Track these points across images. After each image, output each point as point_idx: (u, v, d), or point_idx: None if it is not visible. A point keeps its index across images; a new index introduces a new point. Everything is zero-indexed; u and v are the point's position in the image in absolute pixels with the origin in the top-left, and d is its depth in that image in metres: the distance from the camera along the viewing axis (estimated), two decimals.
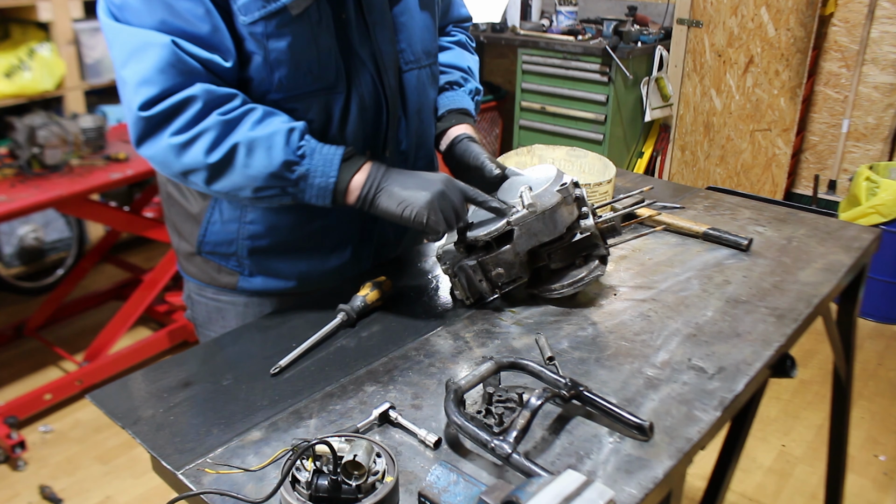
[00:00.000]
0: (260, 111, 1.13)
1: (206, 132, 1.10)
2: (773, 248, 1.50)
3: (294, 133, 1.13)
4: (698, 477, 1.65)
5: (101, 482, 2.44)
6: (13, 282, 3.51)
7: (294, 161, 1.12)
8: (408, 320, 1.24)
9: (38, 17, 3.20)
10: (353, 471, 0.79)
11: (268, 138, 1.11)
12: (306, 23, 1.15)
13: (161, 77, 1.07)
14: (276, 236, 1.30)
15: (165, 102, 1.08)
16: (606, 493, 0.74)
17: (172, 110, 1.09)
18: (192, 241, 1.34)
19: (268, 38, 1.14)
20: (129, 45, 1.08)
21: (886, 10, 3.73)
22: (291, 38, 1.15)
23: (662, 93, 4.25)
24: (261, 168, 1.12)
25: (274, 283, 1.34)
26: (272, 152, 1.11)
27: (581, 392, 0.98)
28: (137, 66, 1.08)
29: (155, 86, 1.07)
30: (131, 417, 1.01)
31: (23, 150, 2.51)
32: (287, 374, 1.10)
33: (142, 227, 2.89)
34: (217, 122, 1.10)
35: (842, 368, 1.77)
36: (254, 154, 1.11)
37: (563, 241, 1.23)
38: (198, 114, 1.09)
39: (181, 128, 1.10)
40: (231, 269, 1.33)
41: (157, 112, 1.09)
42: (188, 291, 1.43)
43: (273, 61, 1.15)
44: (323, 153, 1.14)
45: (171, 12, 1.07)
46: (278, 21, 1.13)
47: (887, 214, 3.20)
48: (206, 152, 1.10)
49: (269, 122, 1.12)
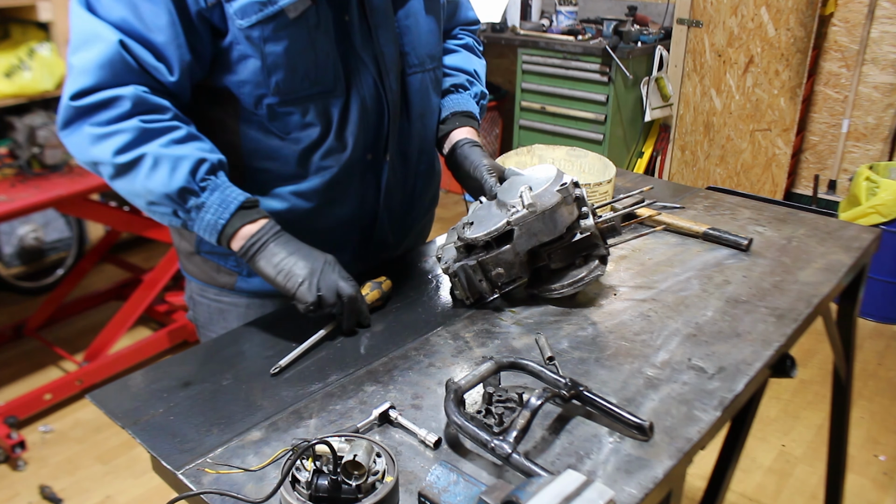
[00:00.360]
0: (183, 132, 1.13)
1: (121, 133, 1.10)
2: (773, 248, 1.50)
3: (203, 165, 1.12)
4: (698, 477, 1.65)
5: (101, 482, 2.44)
6: (13, 282, 3.51)
7: (192, 191, 1.12)
8: (408, 320, 1.24)
9: (38, 17, 3.20)
10: (353, 471, 0.79)
11: (175, 160, 1.11)
12: (304, 27, 1.14)
13: (99, 72, 1.08)
14: None
15: (95, 96, 1.09)
16: (606, 493, 0.74)
17: (99, 104, 1.09)
18: (191, 239, 1.34)
19: (265, 42, 1.13)
20: (83, 33, 1.09)
21: (886, 10, 3.73)
22: (288, 42, 1.14)
23: (662, 93, 4.25)
24: (159, 185, 1.11)
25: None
26: (174, 175, 1.11)
27: (581, 392, 0.98)
28: (82, 55, 1.09)
29: (91, 77, 1.08)
30: (131, 417, 1.01)
31: (23, 149, 2.51)
32: (287, 373, 1.10)
33: (142, 227, 2.89)
34: (135, 127, 1.10)
35: (842, 368, 1.77)
36: (157, 170, 1.11)
37: (563, 241, 1.23)
38: (122, 115, 1.10)
39: (101, 123, 1.10)
40: (230, 269, 1.33)
41: (85, 104, 1.09)
42: (190, 292, 1.43)
43: (270, 65, 1.15)
44: (224, 193, 1.14)
45: (133, 12, 1.08)
46: (275, 25, 1.12)
47: (887, 214, 3.20)
48: (115, 152, 1.10)
49: (185, 146, 1.12)
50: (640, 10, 4.29)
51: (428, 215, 1.54)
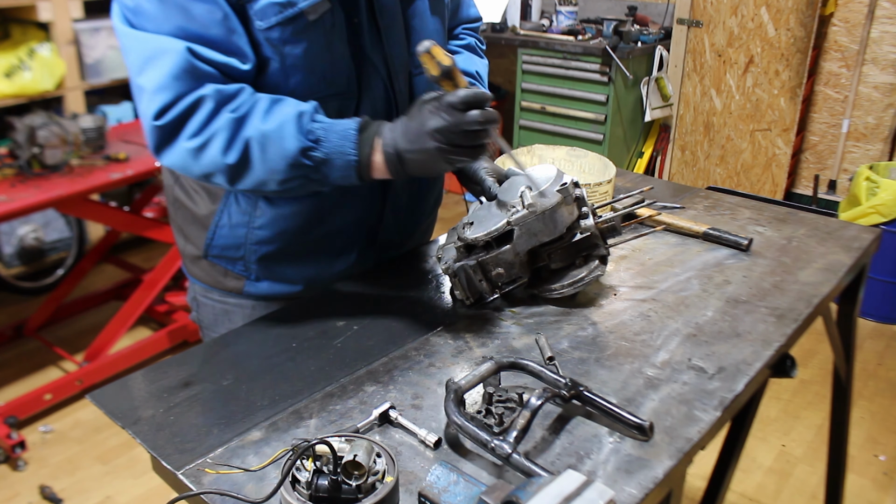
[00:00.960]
0: (266, 101, 1.11)
1: (218, 132, 1.08)
2: (773, 248, 1.50)
3: (304, 117, 1.10)
4: (698, 477, 1.65)
5: (101, 482, 2.44)
6: (13, 282, 3.51)
7: (309, 146, 1.09)
8: (408, 320, 1.24)
9: (38, 17, 3.20)
10: (353, 471, 0.79)
11: (279, 129, 1.08)
12: (321, 28, 1.14)
13: (176, 84, 1.06)
14: (284, 242, 1.29)
15: (177, 107, 1.07)
16: (606, 493, 0.74)
17: (185, 114, 1.08)
18: (198, 244, 1.33)
19: (284, 44, 1.12)
20: (145, 52, 1.07)
21: (886, 10, 3.73)
22: (307, 43, 1.14)
23: (662, 93, 4.25)
24: (278, 160, 1.09)
25: (280, 287, 1.33)
26: (285, 142, 1.08)
27: (581, 392, 0.98)
28: (153, 74, 1.06)
29: (169, 92, 1.06)
30: (131, 417, 1.01)
31: (23, 150, 2.51)
32: (287, 373, 1.10)
33: (142, 227, 2.89)
34: (228, 120, 1.08)
35: (842, 368, 1.77)
36: (268, 148, 1.09)
37: (563, 241, 1.23)
38: (210, 114, 1.08)
39: (195, 131, 1.08)
40: (238, 274, 1.32)
41: (171, 118, 1.08)
42: (193, 293, 1.42)
43: (289, 67, 1.14)
44: (337, 132, 1.11)
45: (187, 17, 1.06)
46: (294, 27, 1.12)
47: (887, 214, 3.20)
48: (223, 153, 1.09)
49: (278, 111, 1.10)
50: (640, 10, 4.29)
51: (432, 215, 1.54)
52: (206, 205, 1.29)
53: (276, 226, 1.27)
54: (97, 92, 3.56)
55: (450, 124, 1.06)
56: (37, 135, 2.50)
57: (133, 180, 2.60)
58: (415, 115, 1.10)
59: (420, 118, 1.09)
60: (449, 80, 1.08)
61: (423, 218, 1.48)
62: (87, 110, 3.42)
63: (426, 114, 1.08)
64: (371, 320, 1.23)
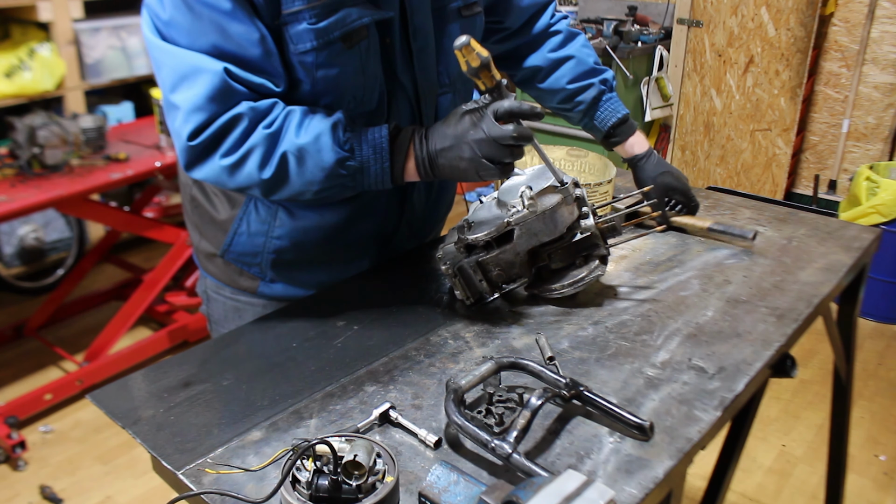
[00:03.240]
0: (298, 114, 1.11)
1: (254, 149, 1.08)
2: (773, 248, 1.50)
3: (338, 129, 1.10)
4: (698, 477, 1.65)
5: (101, 482, 2.44)
6: (13, 282, 3.51)
7: (345, 157, 1.10)
8: (408, 320, 1.24)
9: (38, 17, 3.20)
10: (353, 471, 0.79)
11: (315, 141, 1.09)
12: (356, 52, 1.13)
13: (211, 105, 1.05)
14: (301, 251, 1.29)
15: (213, 126, 1.07)
16: (607, 493, 0.74)
17: (220, 133, 1.07)
18: (215, 244, 1.33)
19: (317, 68, 1.12)
20: (179, 69, 1.05)
21: (886, 10, 3.73)
22: (340, 68, 1.13)
23: (662, 93, 4.25)
24: (315, 172, 1.10)
25: (294, 290, 1.34)
26: (322, 155, 1.09)
27: (581, 392, 0.98)
28: (187, 93, 1.05)
29: (204, 113, 1.06)
30: (131, 417, 1.01)
31: (23, 150, 2.51)
32: (287, 373, 1.10)
33: (142, 227, 2.89)
34: (263, 136, 1.08)
35: (842, 368, 1.77)
36: (305, 161, 1.09)
37: (563, 240, 1.23)
38: (245, 131, 1.07)
39: (230, 148, 1.08)
40: (253, 275, 1.33)
41: (206, 138, 1.07)
42: (205, 287, 1.41)
43: (321, 90, 1.14)
44: (370, 141, 1.11)
45: (223, 36, 1.04)
46: (330, 52, 1.11)
47: (887, 214, 3.20)
48: (259, 169, 1.09)
49: (312, 125, 1.10)
50: (641, 10, 4.29)
51: (443, 220, 1.56)
52: (226, 210, 1.29)
53: (294, 236, 1.27)
54: (97, 92, 3.56)
55: (487, 137, 1.07)
56: (37, 135, 2.50)
57: (133, 180, 2.60)
58: (452, 122, 1.10)
59: (459, 126, 1.09)
60: (487, 71, 1.08)
61: (434, 227, 1.50)
62: (87, 110, 3.42)
63: (466, 123, 1.09)
64: (371, 320, 1.23)
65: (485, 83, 1.09)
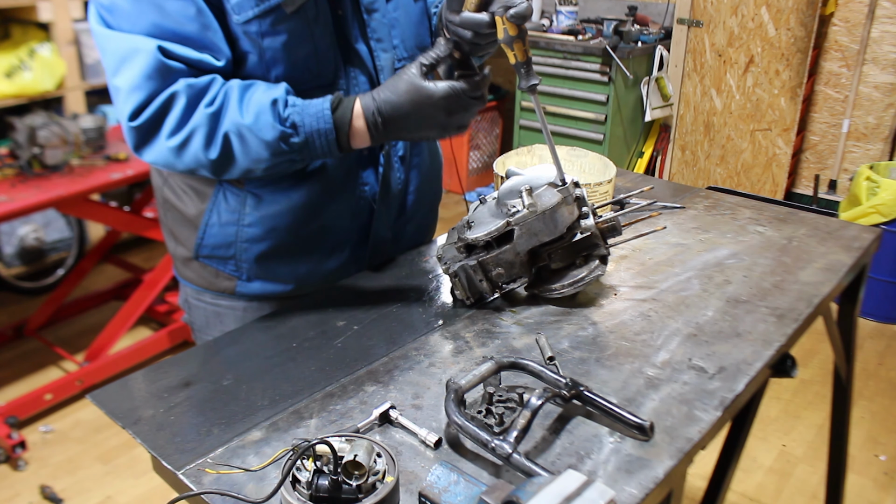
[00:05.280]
0: (238, 89, 1.11)
1: (197, 129, 1.09)
2: (773, 248, 1.49)
3: (278, 105, 1.10)
4: (699, 477, 1.65)
5: (101, 482, 2.44)
6: (14, 282, 3.51)
7: (288, 133, 1.10)
8: (408, 320, 1.24)
9: (39, 17, 3.20)
10: (353, 471, 0.79)
11: (255, 120, 1.09)
12: (302, 19, 1.14)
13: (149, 83, 1.07)
14: (275, 238, 1.29)
15: (152, 106, 1.08)
16: (607, 493, 0.74)
17: (160, 112, 1.09)
18: (189, 245, 1.33)
19: (262, 37, 1.13)
20: (119, 52, 1.07)
21: (887, 10, 3.73)
22: (287, 35, 1.14)
23: (663, 92, 4.25)
24: (259, 150, 1.11)
25: (272, 286, 1.33)
26: (264, 133, 1.09)
27: (581, 392, 0.98)
28: (126, 74, 1.07)
29: (142, 92, 1.07)
30: (132, 417, 1.01)
31: (23, 150, 2.51)
32: (287, 373, 1.10)
33: (142, 227, 2.89)
34: (205, 115, 1.09)
35: (842, 368, 1.77)
36: (247, 140, 1.10)
37: (563, 240, 1.23)
38: (185, 110, 1.08)
39: (173, 129, 1.09)
40: (229, 274, 1.32)
41: (147, 118, 1.09)
42: (185, 296, 1.42)
43: (269, 60, 1.15)
44: (312, 115, 1.11)
45: (161, 13, 1.06)
46: (273, 19, 1.12)
47: (888, 214, 3.20)
48: (204, 149, 1.10)
49: (252, 102, 1.10)
50: (641, 10, 4.29)
51: (430, 214, 1.53)
52: (195, 204, 1.29)
53: (266, 223, 1.27)
54: (97, 92, 3.56)
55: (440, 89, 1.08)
56: (37, 135, 2.50)
57: (133, 180, 2.61)
58: (402, 74, 1.10)
59: (409, 75, 1.09)
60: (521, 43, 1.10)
61: (416, 215, 1.47)
62: (87, 110, 3.42)
63: (417, 71, 1.09)
64: (371, 320, 1.23)
65: (516, 55, 1.10)
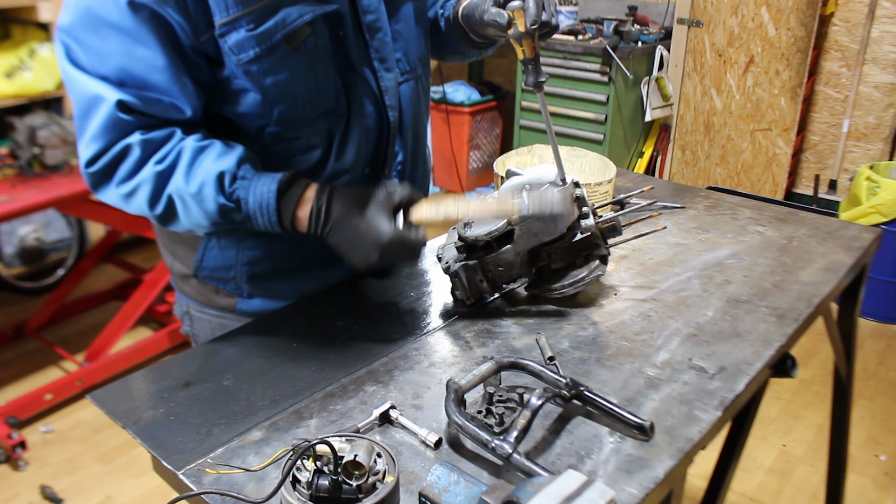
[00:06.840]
0: (189, 153, 1.08)
1: (143, 185, 1.08)
2: (773, 248, 1.49)
3: (225, 178, 1.08)
4: (699, 477, 1.65)
5: (101, 482, 2.44)
6: (14, 282, 3.51)
7: (230, 208, 1.09)
8: (408, 320, 1.24)
9: (39, 17, 3.20)
10: (353, 471, 0.79)
11: (199, 191, 1.07)
12: (303, 53, 1.11)
13: (105, 136, 1.06)
14: (275, 260, 1.27)
15: (106, 156, 1.08)
16: (607, 493, 0.74)
17: (113, 162, 1.08)
18: (187, 264, 1.30)
19: (264, 76, 1.10)
20: (83, 98, 1.06)
21: (887, 10, 3.72)
22: (289, 73, 1.11)
23: (663, 92, 4.25)
24: (200, 218, 1.10)
25: (273, 304, 1.31)
26: (205, 205, 1.08)
27: (581, 392, 0.98)
28: (87, 122, 1.07)
29: (99, 142, 1.07)
30: (132, 417, 1.01)
31: (23, 150, 2.51)
32: (287, 373, 1.10)
33: (142, 227, 2.89)
34: (153, 173, 1.07)
35: (842, 368, 1.77)
36: (189, 206, 1.09)
37: (563, 241, 1.23)
38: (136, 163, 1.08)
39: (122, 179, 1.09)
40: (229, 292, 1.30)
41: (101, 167, 1.08)
42: (186, 308, 1.38)
43: (272, 98, 1.12)
44: (258, 192, 1.09)
45: (129, 59, 1.03)
46: (275, 57, 1.09)
47: (888, 214, 3.20)
48: (149, 204, 1.10)
49: (200, 170, 1.08)
50: (641, 10, 4.29)
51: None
52: None
53: (266, 245, 1.25)
54: None
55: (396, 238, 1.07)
56: (37, 135, 2.50)
57: None
58: (371, 194, 1.09)
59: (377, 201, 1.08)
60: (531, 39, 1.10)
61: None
62: None
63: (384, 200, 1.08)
64: (371, 320, 1.23)
65: (525, 52, 1.10)
